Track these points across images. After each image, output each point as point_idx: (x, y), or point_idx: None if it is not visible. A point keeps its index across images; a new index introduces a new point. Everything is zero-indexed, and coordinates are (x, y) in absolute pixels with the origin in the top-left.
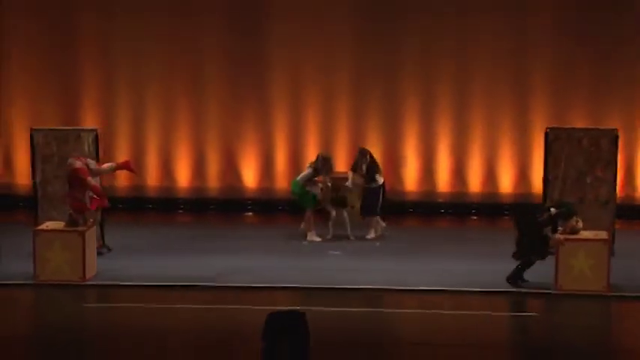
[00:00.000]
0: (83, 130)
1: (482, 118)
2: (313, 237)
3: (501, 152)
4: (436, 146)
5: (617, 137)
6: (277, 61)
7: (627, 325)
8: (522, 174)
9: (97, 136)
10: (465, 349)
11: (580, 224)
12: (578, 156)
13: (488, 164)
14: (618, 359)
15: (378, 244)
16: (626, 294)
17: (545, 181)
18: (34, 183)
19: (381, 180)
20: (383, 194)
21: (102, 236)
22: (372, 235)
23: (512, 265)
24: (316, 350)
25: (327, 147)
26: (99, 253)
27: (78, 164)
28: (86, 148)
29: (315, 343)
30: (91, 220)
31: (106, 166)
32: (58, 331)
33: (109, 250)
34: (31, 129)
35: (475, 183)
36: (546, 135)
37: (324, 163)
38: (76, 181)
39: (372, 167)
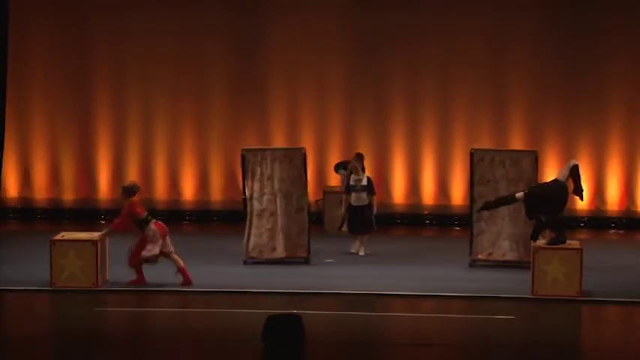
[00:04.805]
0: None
1: (464, 138)
2: None
3: None
4: (421, 164)
5: (537, 158)
6: (275, 86)
7: (597, 327)
8: None
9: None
10: (449, 349)
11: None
12: (503, 175)
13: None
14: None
15: (362, 253)
16: (597, 298)
17: (472, 198)
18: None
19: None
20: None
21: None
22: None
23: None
24: (311, 350)
25: (321, 164)
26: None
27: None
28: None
29: (309, 343)
30: (105, 230)
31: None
32: (70, 333)
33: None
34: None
35: (457, 197)
36: (471, 155)
37: None
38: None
39: (370, 181)
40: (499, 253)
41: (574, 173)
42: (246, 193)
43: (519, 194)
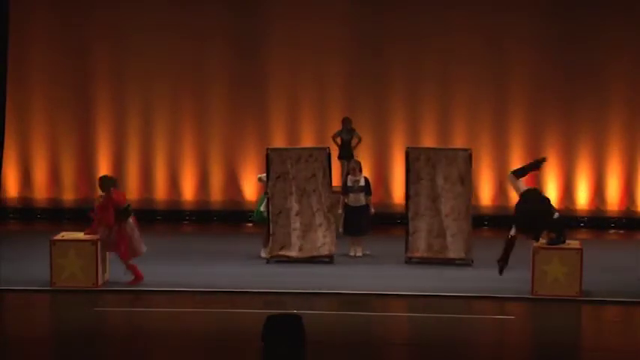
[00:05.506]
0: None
1: (464, 137)
2: (263, 253)
3: (480, 168)
4: None
5: (470, 156)
6: (275, 85)
7: (597, 327)
8: (500, 188)
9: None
10: (449, 349)
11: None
12: (437, 173)
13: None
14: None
15: (360, 254)
16: (597, 298)
17: (407, 196)
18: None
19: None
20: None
21: None
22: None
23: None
24: (311, 350)
25: None
26: None
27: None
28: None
29: (309, 343)
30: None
31: None
32: (70, 333)
33: None
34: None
35: None
36: (407, 154)
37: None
38: None
39: (367, 181)
40: (436, 251)
41: (519, 174)
42: (269, 193)
43: (512, 231)
